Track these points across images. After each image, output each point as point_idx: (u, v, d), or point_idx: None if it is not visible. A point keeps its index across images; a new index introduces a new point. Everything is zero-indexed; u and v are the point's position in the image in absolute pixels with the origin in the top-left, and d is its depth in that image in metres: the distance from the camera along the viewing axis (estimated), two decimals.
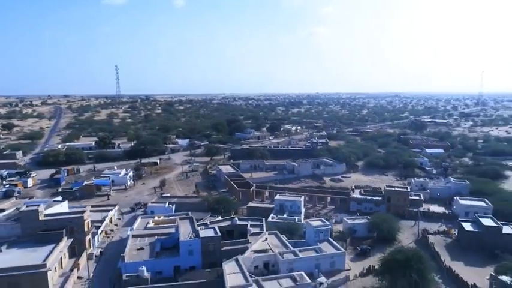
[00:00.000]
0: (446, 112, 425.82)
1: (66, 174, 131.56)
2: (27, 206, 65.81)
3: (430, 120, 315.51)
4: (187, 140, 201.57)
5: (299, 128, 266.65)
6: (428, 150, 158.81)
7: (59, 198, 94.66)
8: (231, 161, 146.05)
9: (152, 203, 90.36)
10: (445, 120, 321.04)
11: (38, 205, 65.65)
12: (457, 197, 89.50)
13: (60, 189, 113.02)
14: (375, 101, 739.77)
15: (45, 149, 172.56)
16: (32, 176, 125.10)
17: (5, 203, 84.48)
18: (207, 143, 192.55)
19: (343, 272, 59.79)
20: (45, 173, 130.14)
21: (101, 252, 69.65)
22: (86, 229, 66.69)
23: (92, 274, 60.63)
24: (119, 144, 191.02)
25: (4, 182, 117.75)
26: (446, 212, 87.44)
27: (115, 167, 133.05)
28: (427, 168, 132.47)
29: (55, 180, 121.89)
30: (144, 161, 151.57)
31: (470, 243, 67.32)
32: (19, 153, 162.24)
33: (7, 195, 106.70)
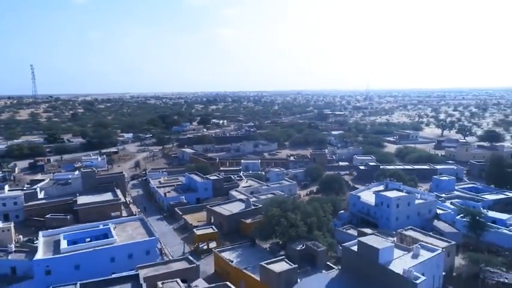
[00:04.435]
0: (342, 106, 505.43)
1: None
2: (84, 168, 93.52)
3: (330, 112, 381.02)
4: (131, 134, 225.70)
5: (225, 121, 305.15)
6: (333, 132, 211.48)
7: None
8: (186, 146, 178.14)
9: (149, 172, 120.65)
10: (342, 112, 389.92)
11: (92, 168, 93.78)
12: (355, 156, 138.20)
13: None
14: (281, 98, 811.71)
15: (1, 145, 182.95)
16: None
17: (35, 176, 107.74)
18: (151, 135, 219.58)
19: (296, 194, 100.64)
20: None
21: (132, 200, 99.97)
22: (125, 183, 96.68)
23: (139, 209, 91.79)
24: (68, 139, 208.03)
25: None
26: (349, 164, 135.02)
27: (91, 154, 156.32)
28: (334, 144, 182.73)
29: (40, 167, 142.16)
30: (103, 151, 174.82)
31: (363, 175, 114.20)
32: None
33: (5, 179, 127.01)
